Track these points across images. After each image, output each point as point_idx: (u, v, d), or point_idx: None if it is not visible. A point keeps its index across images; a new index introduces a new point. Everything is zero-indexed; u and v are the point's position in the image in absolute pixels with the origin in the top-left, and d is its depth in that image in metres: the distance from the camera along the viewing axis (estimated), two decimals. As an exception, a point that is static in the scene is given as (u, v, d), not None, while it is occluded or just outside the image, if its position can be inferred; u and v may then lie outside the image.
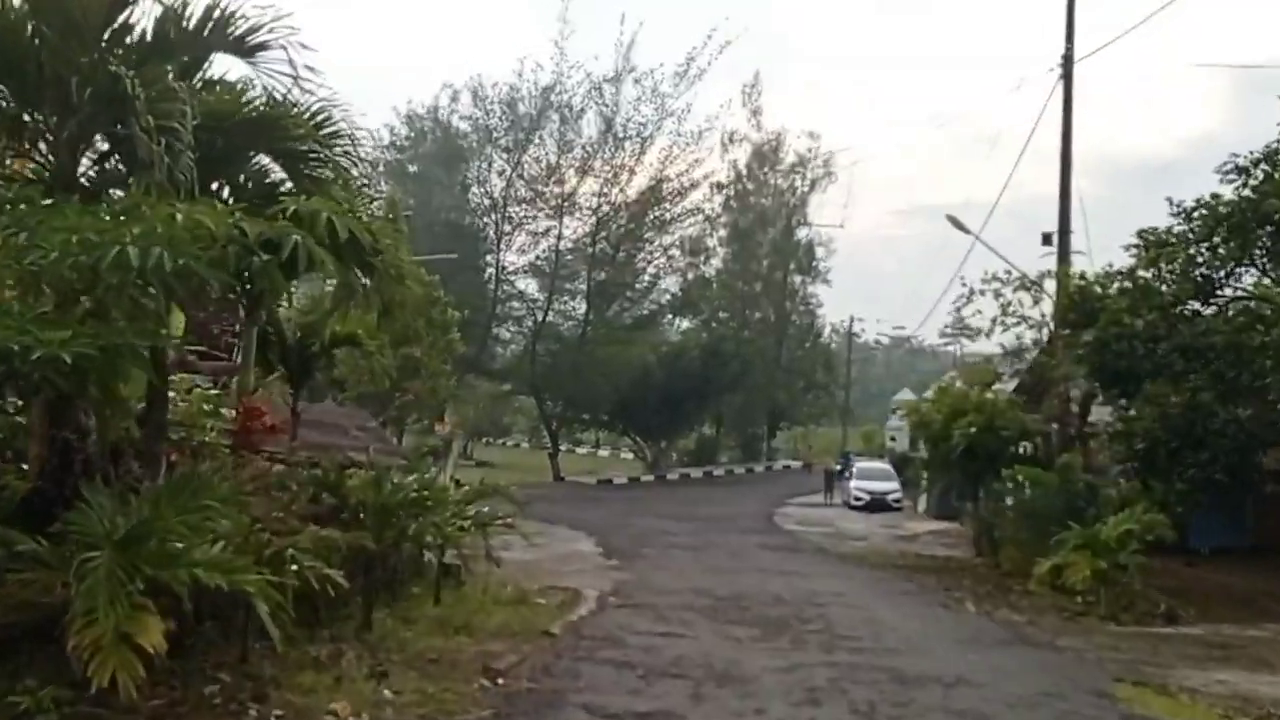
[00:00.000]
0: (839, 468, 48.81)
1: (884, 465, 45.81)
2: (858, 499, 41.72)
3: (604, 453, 70.46)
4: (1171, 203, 19.40)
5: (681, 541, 26.96)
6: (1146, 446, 16.80)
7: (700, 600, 15.67)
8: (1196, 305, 18.43)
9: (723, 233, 60.99)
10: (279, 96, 9.58)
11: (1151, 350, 17.73)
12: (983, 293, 21.98)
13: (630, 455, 60.21)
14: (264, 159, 10.27)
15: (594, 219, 49.00)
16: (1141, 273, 18.78)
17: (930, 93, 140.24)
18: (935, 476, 25.46)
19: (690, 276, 55.55)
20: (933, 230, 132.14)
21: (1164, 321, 17.84)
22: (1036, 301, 22.26)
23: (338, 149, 10.01)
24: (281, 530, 9.58)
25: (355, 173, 10.45)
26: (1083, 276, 19.52)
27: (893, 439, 57.54)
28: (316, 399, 39.34)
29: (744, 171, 62.35)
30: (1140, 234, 19.61)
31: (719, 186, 55.82)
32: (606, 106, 47.51)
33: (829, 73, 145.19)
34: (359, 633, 10.89)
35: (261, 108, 9.62)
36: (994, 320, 21.84)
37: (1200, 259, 18.72)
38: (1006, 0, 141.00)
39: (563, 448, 73.25)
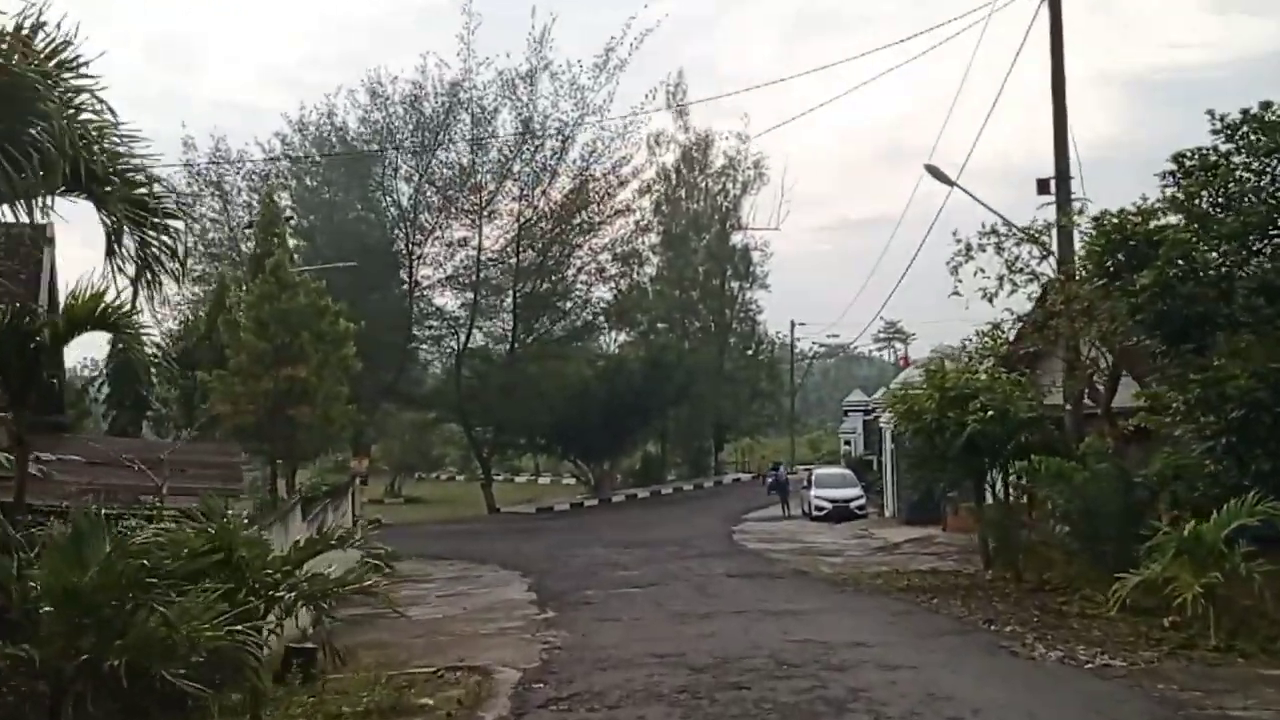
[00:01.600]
0: (769, 479, 44.56)
1: (844, 471, 41.22)
2: (819, 509, 37.04)
3: (545, 480, 65.03)
4: (1213, 117, 14.93)
5: (634, 576, 21.90)
6: (1244, 413, 12.13)
7: (671, 676, 10.51)
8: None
9: (655, 239, 56.37)
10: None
11: (1227, 291, 13.14)
12: (983, 248, 17.36)
13: (573, 480, 54.85)
14: None
15: (515, 225, 43.93)
16: (1191, 200, 14.20)
17: (844, 109, 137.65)
18: (927, 476, 20.60)
19: (624, 286, 50.60)
20: (855, 244, 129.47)
21: (1239, 254, 13.26)
22: (1045, 256, 17.61)
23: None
24: None
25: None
26: (1119, 213, 14.92)
27: (847, 443, 53.16)
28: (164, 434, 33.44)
29: (673, 175, 57.90)
30: (1177, 158, 15.09)
31: (648, 189, 51.07)
32: (522, 104, 42.61)
33: (746, 90, 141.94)
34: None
35: None
36: (1000, 279, 17.14)
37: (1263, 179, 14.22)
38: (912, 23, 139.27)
39: (499, 477, 67.78)
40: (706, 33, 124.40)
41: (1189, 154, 15.15)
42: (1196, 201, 14.03)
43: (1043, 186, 19.14)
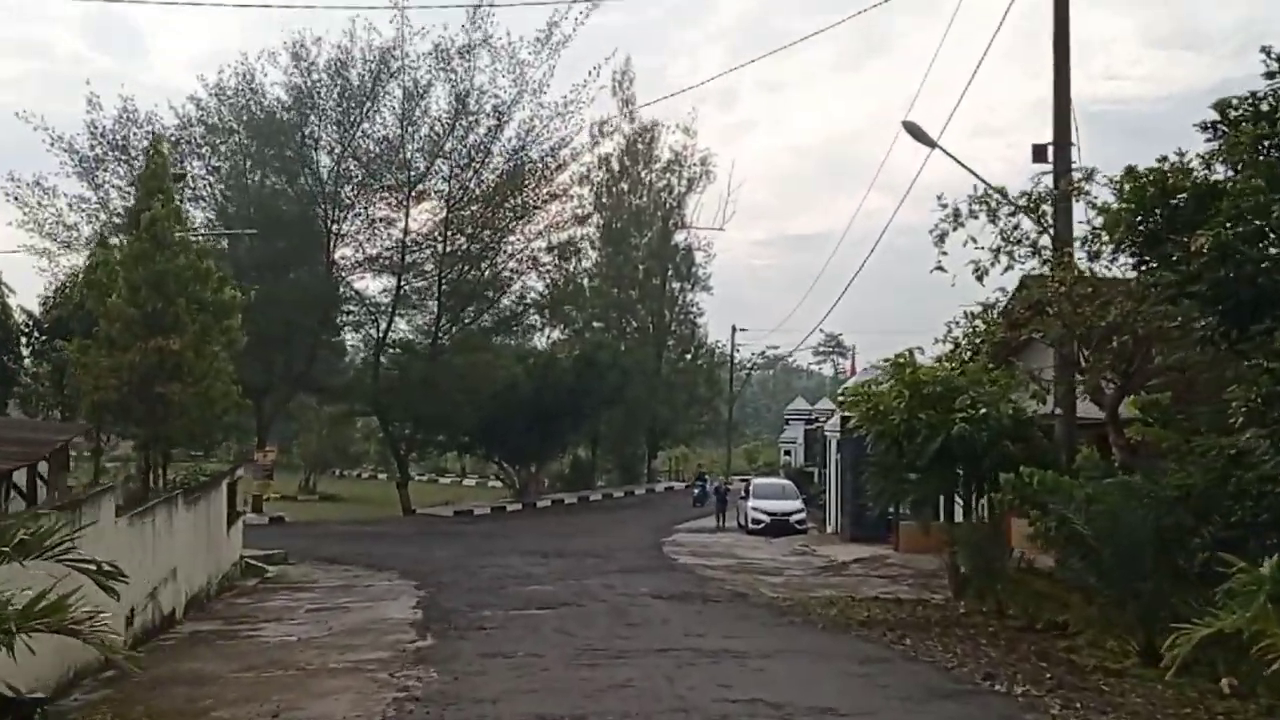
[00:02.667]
0: (697, 490, 41.47)
1: (784, 481, 38.05)
2: (756, 521, 33.80)
3: (470, 482, 61.00)
4: (1268, 56, 11.87)
5: (546, 593, 18.35)
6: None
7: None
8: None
9: (594, 233, 52.97)
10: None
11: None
12: (974, 214, 14.14)
13: (500, 483, 50.90)
14: None
15: (444, 207, 40.07)
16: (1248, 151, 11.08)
17: (788, 123, 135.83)
18: (891, 488, 17.33)
19: (559, 279, 46.95)
20: (794, 260, 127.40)
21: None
22: (1043, 231, 14.42)
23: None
24: None
25: None
26: (1155, 168, 11.77)
27: (787, 453, 50.15)
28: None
29: (616, 166, 54.60)
30: (1221, 106, 12.01)
31: (586, 174, 47.52)
32: (457, 77, 38.80)
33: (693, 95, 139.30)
34: None
35: None
36: (996, 251, 13.90)
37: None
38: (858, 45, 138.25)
39: (422, 478, 63.50)
40: (658, 44, 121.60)
41: (1235, 102, 12.08)
42: (1257, 154, 10.88)
43: (1039, 153, 16.04)
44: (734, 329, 59.81)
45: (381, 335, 41.68)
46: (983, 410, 16.00)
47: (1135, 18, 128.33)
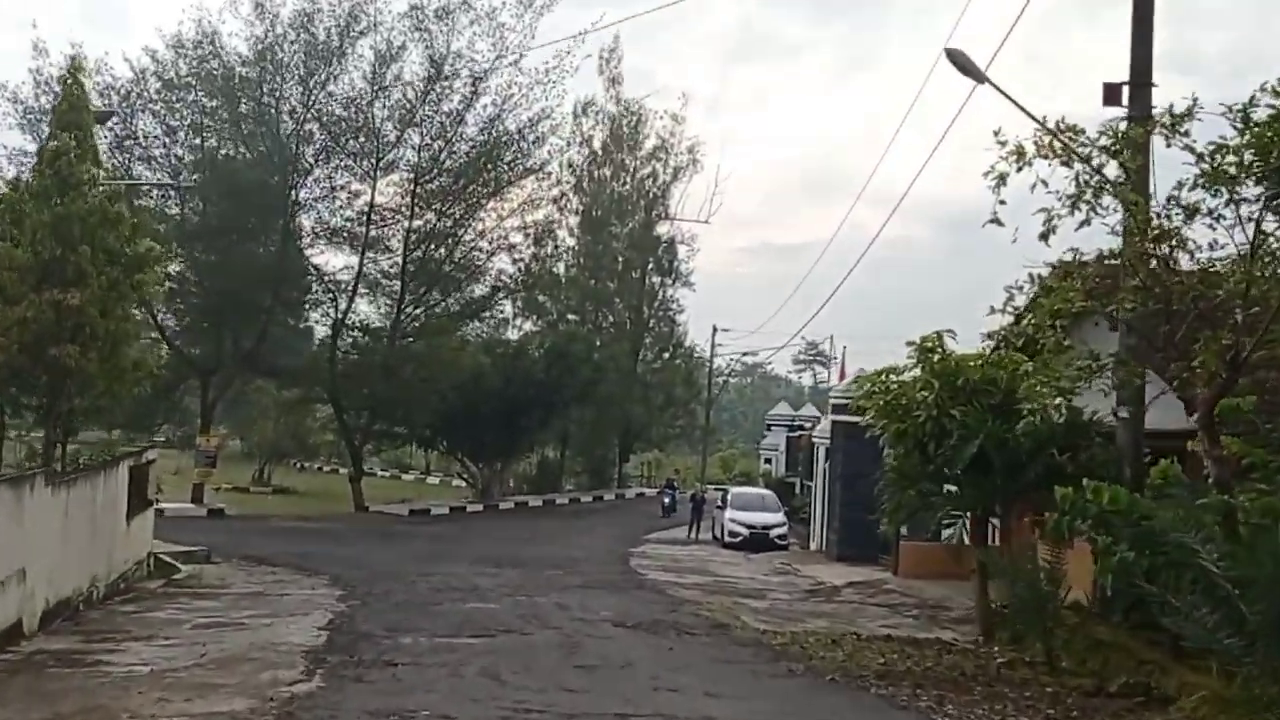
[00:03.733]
0: (666, 498, 38.38)
1: (765, 492, 34.92)
2: (733, 534, 30.68)
3: (434, 480, 57.40)
4: None
5: (486, 613, 15.11)
6: None
7: None
8: None
9: (573, 219, 49.75)
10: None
11: None
12: (1045, 157, 10.95)
13: (465, 482, 47.29)
14: None
15: (412, 178, 36.63)
16: None
17: (775, 132, 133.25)
18: (913, 502, 14.14)
19: (532, 263, 43.56)
20: (776, 269, 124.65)
21: None
22: (1126, 179, 11.22)
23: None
24: None
25: None
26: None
27: (768, 461, 47.00)
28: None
29: (599, 151, 51.39)
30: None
31: (566, 147, 44.16)
32: (433, 41, 35.42)
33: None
34: None
35: None
36: (1073, 200, 10.68)
37: None
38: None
39: (384, 474, 59.80)
40: (648, 47, 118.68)
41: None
42: None
43: (1111, 94, 12.94)
44: (714, 328, 56.50)
45: (341, 316, 38.13)
46: (1028, 408, 12.89)
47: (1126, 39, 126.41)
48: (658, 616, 15.42)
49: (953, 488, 13.48)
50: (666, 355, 54.01)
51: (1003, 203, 10.85)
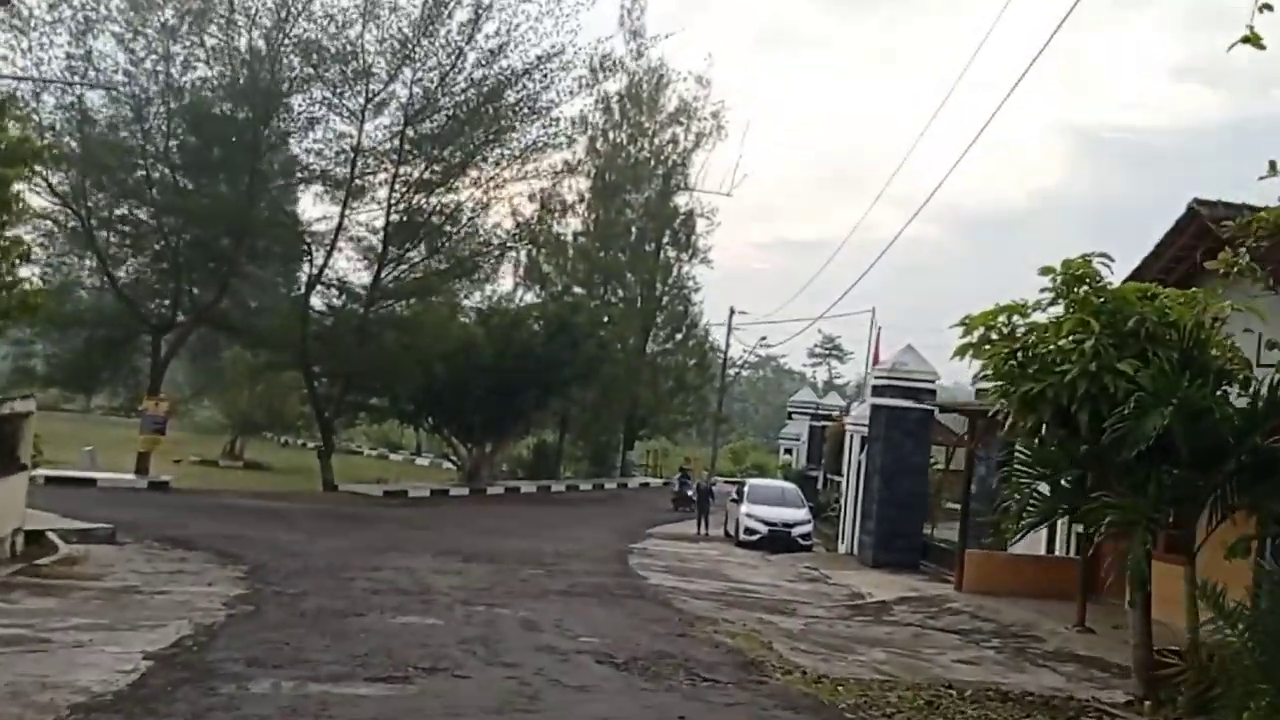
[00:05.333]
0: (679, 488, 33.78)
1: (787, 485, 30.20)
2: (750, 531, 26.09)
3: (424, 461, 52.82)
4: None
5: (418, 633, 10.61)
6: None
7: None
8: None
9: (584, 184, 45.05)
10: None
11: None
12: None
13: (455, 465, 42.64)
14: None
15: (402, 117, 32.00)
16: None
17: (798, 128, 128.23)
18: (1066, 498, 9.32)
19: (536, 225, 38.84)
20: (792, 264, 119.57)
21: None
22: None
23: None
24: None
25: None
26: None
27: (788, 451, 42.28)
28: None
29: (616, 111, 46.69)
30: None
31: (581, 119, 39.46)
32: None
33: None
34: None
35: None
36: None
37: None
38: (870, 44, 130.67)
39: (370, 452, 55.27)
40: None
41: None
42: None
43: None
44: (731, 310, 51.87)
45: (316, 272, 33.55)
46: (1230, 369, 8.25)
47: (1152, 48, 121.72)
48: (661, 647, 10.77)
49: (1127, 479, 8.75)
50: (679, 337, 49.25)
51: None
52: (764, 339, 53.97)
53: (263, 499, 29.88)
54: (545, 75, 32.06)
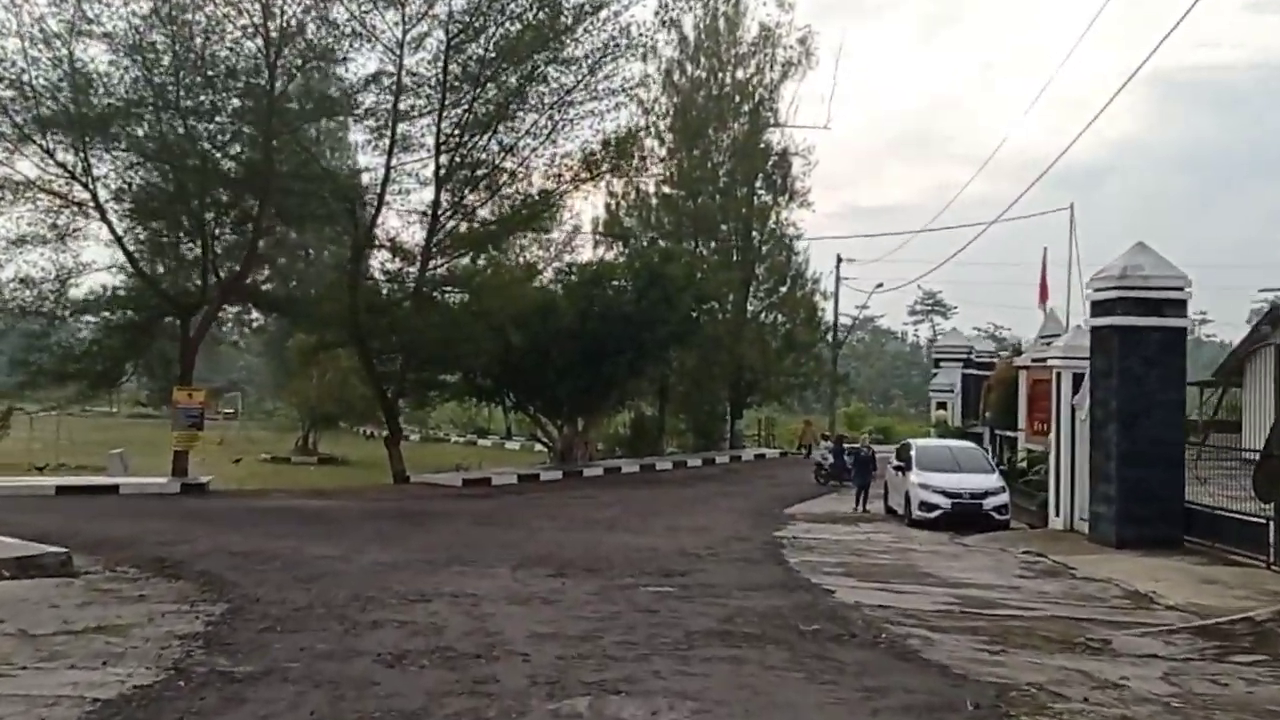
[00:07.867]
0: (838, 459, 26.68)
1: (965, 444, 23.09)
2: (927, 506, 19.26)
3: (514, 444, 46.81)
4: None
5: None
6: None
7: None
8: None
9: (661, 123, 38.19)
10: None
11: None
12: None
13: (546, 448, 36.46)
14: None
15: (445, 38, 25.64)
16: None
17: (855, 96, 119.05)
18: None
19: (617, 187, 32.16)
20: (870, 230, 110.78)
21: None
22: None
23: None
24: None
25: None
26: None
27: (941, 406, 34.96)
28: None
29: (692, 43, 39.76)
30: None
31: (652, 46, 32.35)
32: None
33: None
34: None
35: None
36: None
37: None
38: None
39: (458, 439, 49.52)
40: None
41: None
42: None
43: None
44: (839, 259, 44.49)
45: (366, 229, 27.39)
46: None
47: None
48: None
49: None
50: (783, 290, 42.11)
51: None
52: (880, 285, 46.34)
53: (318, 498, 24.11)
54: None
